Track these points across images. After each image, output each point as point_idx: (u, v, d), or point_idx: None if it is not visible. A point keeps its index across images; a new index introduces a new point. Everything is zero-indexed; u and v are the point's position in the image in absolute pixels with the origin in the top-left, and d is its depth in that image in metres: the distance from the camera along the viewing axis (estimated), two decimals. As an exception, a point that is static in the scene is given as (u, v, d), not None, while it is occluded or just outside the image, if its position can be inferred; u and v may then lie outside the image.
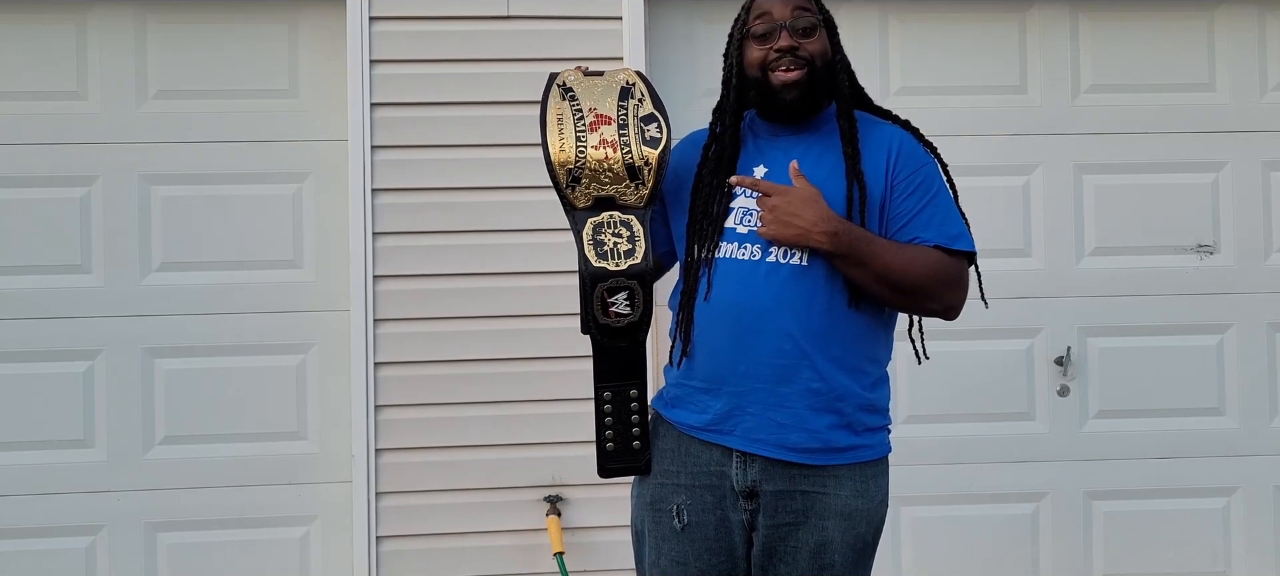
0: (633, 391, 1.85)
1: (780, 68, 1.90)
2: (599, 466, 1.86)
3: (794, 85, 1.90)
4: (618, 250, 1.82)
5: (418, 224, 2.99)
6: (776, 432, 1.86)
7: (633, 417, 1.85)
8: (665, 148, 1.84)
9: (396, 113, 2.98)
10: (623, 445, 1.86)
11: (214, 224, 3.06)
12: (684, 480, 1.93)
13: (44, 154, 3.02)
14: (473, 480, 3.00)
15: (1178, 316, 3.23)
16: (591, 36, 3.02)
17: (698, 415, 1.92)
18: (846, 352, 1.88)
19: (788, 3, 1.93)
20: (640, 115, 1.86)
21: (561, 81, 1.89)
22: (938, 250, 1.89)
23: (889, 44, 3.20)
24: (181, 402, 3.05)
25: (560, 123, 1.84)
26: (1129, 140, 3.22)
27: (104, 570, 3.04)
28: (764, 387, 1.86)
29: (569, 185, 1.83)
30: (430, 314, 2.98)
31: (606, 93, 1.88)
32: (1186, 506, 3.24)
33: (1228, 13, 3.26)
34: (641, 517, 1.99)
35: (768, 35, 1.92)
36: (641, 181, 1.83)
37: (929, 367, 3.17)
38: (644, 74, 1.91)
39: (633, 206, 1.84)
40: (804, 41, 1.92)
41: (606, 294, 1.80)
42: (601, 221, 1.83)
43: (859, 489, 1.90)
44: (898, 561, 3.20)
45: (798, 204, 1.82)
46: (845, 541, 1.88)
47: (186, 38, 3.06)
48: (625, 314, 1.80)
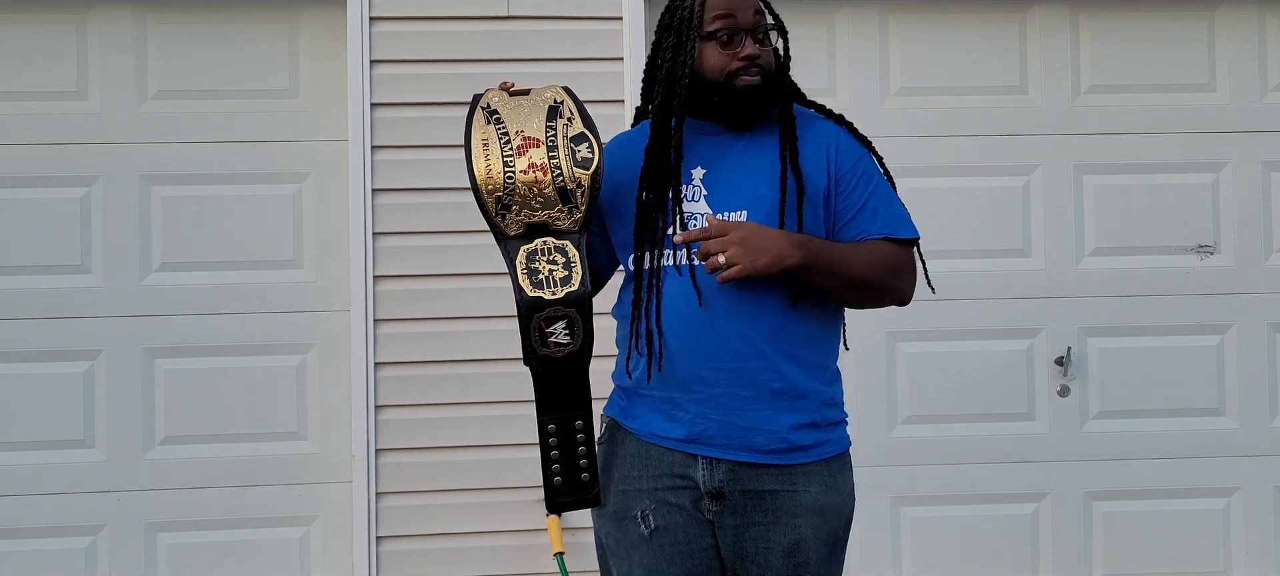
0: (578, 421, 1.79)
1: (745, 74, 1.86)
2: (547, 502, 1.81)
3: (754, 91, 1.87)
4: (553, 278, 1.75)
5: (418, 224, 2.99)
6: (742, 436, 1.86)
7: (580, 449, 1.79)
8: (597, 168, 1.76)
9: (396, 113, 2.98)
10: (571, 479, 1.80)
11: (214, 224, 3.06)
12: (646, 485, 1.90)
13: (44, 154, 3.02)
14: (473, 480, 2.99)
15: (1178, 316, 3.23)
16: (591, 36, 3.03)
17: (661, 424, 1.90)
18: (802, 349, 1.88)
19: (748, 5, 1.89)
20: (570, 135, 1.78)
21: (486, 103, 1.80)
22: (886, 242, 1.90)
23: (889, 44, 3.19)
24: (181, 402, 3.05)
25: (486, 148, 1.76)
26: (1129, 140, 3.22)
27: (104, 570, 3.04)
28: (724, 391, 1.85)
29: (499, 213, 1.76)
30: (430, 314, 2.98)
31: (533, 113, 1.79)
32: (1186, 507, 3.24)
33: (1228, 13, 3.26)
34: (605, 530, 1.96)
35: (732, 40, 1.87)
36: (575, 205, 1.76)
37: (929, 367, 3.20)
38: (572, 90, 1.83)
39: (567, 231, 1.78)
40: (763, 49, 1.89)
41: (544, 324, 1.74)
42: (535, 249, 1.77)
43: (828, 483, 1.89)
44: (898, 561, 3.20)
45: (757, 234, 1.79)
46: (818, 537, 1.88)
47: (186, 38, 3.06)
48: (565, 343, 1.74)
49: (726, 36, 1.87)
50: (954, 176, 3.15)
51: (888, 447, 3.17)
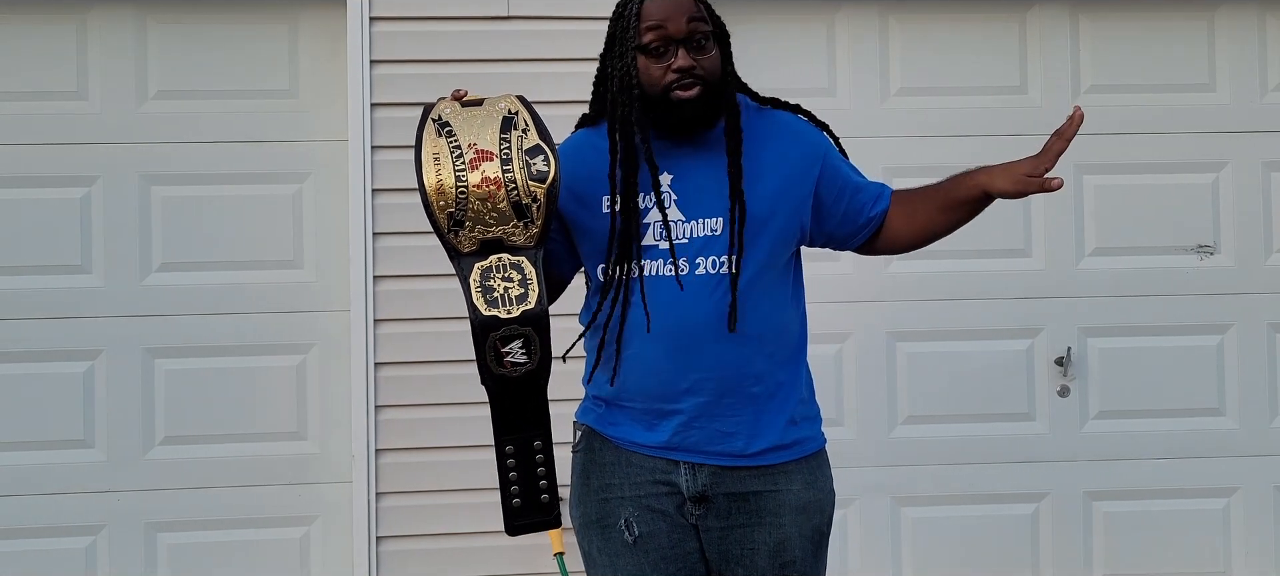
0: (536, 442, 1.76)
1: (680, 88, 1.81)
2: (506, 524, 1.77)
3: (692, 103, 1.82)
4: (509, 296, 1.70)
5: (418, 224, 2.94)
6: (723, 441, 1.86)
7: (538, 470, 1.76)
8: (554, 181, 1.69)
9: (396, 113, 2.98)
10: (530, 500, 1.76)
11: (214, 224, 3.06)
12: (628, 491, 1.90)
13: (44, 154, 3.02)
14: (473, 480, 2.99)
15: (1178, 316, 3.23)
16: (592, 37, 2.98)
17: (641, 432, 1.90)
18: (781, 349, 1.89)
19: (681, 12, 1.82)
20: (525, 148, 1.70)
21: (437, 115, 1.73)
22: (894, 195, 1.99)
23: (889, 44, 3.19)
24: (181, 402, 3.05)
25: (437, 162, 1.68)
26: (1129, 140, 3.22)
27: (104, 570, 3.04)
28: (708, 399, 1.85)
29: (451, 230, 1.70)
30: (430, 314, 2.98)
31: (486, 124, 1.72)
32: (1186, 506, 3.24)
33: (1228, 13, 3.26)
34: (587, 539, 1.95)
35: (663, 52, 1.82)
36: (530, 220, 1.70)
37: (929, 367, 3.20)
38: (526, 100, 1.76)
39: (523, 247, 1.72)
40: (700, 58, 1.83)
41: (500, 343, 1.69)
42: (489, 266, 1.71)
43: (809, 481, 1.90)
44: (898, 561, 3.20)
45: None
46: (802, 535, 1.89)
47: (186, 38, 3.06)
48: (521, 363, 1.70)
49: (660, 48, 1.82)
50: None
51: (888, 447, 3.17)
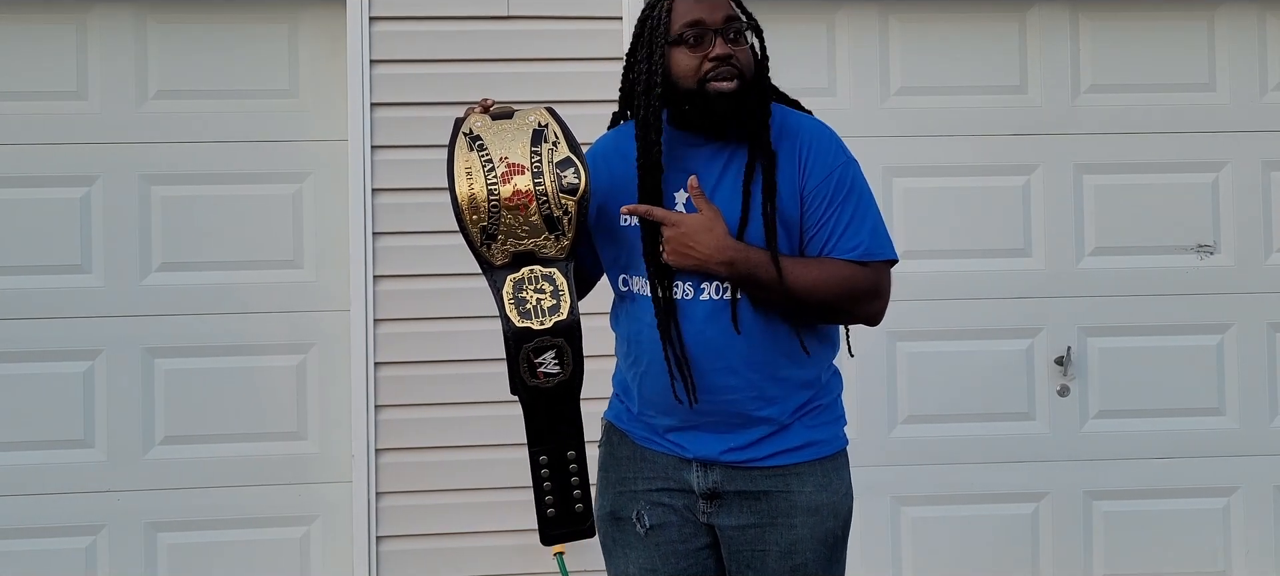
0: (570, 452, 1.76)
1: (717, 78, 1.78)
2: (541, 535, 1.79)
3: (729, 96, 1.79)
4: (541, 307, 1.72)
5: (418, 224, 2.99)
6: (736, 440, 1.87)
7: (573, 480, 1.77)
8: (584, 193, 1.71)
9: (396, 113, 2.98)
10: (565, 510, 1.78)
11: (214, 224, 3.06)
12: (641, 486, 1.93)
13: (44, 154, 3.02)
14: (473, 480, 2.99)
15: (1178, 316, 3.23)
16: (591, 36, 3.02)
17: (655, 434, 1.92)
18: (794, 368, 1.86)
19: (717, 6, 1.82)
20: (556, 160, 1.72)
21: (468, 129, 1.76)
22: (849, 263, 1.81)
23: (889, 44, 3.19)
24: (181, 402, 3.05)
25: (469, 176, 1.71)
26: (1129, 140, 3.22)
27: (104, 570, 3.04)
28: (719, 418, 1.86)
29: (484, 243, 1.72)
30: (430, 314, 2.98)
31: (517, 138, 1.74)
32: (1186, 506, 3.24)
33: (1228, 13, 3.26)
34: (606, 531, 1.98)
35: (700, 41, 1.79)
36: (561, 232, 1.72)
37: (929, 367, 3.20)
38: (556, 111, 1.78)
39: (554, 258, 1.74)
40: (736, 49, 1.81)
41: (533, 354, 1.71)
42: (522, 278, 1.74)
43: (822, 483, 1.89)
44: (898, 561, 3.20)
45: (694, 233, 1.74)
46: (815, 537, 1.87)
47: (186, 38, 3.06)
48: (554, 374, 1.72)
49: (694, 38, 1.80)
50: (954, 176, 3.15)
51: (888, 447, 3.17)
